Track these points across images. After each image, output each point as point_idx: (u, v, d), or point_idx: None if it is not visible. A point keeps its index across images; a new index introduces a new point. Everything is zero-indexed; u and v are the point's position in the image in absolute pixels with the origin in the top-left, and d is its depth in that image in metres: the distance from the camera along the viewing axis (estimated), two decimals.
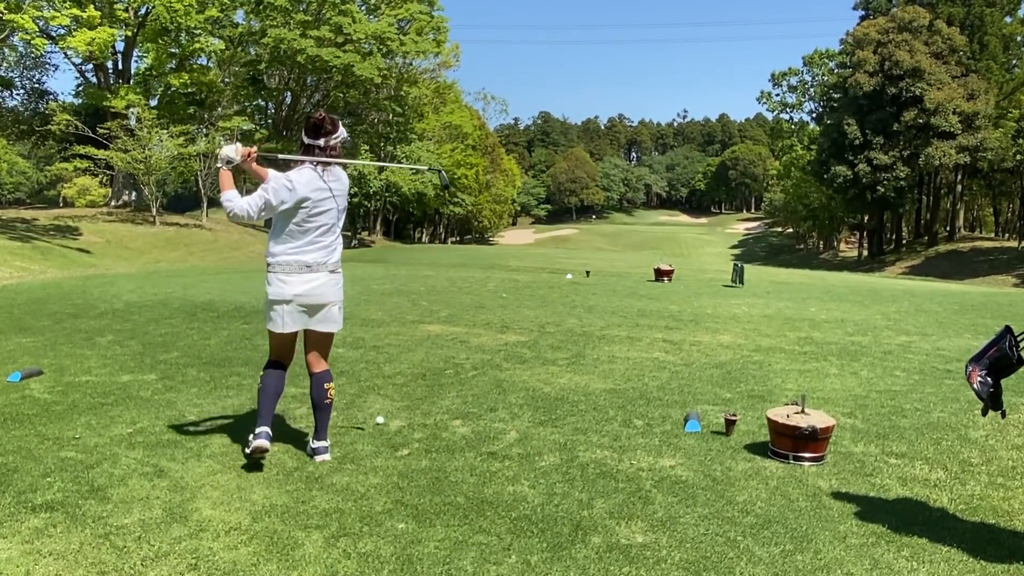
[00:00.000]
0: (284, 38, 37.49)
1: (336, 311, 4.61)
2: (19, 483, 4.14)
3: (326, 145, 4.49)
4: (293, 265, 4.44)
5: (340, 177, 4.59)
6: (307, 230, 4.44)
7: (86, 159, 33.72)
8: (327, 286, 4.51)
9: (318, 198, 4.42)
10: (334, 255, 4.56)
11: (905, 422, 5.64)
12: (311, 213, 4.42)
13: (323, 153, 4.50)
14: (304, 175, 4.43)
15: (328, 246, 4.53)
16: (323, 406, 4.60)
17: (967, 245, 54.59)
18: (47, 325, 8.97)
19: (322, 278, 4.48)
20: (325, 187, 4.45)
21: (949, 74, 51.80)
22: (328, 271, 4.51)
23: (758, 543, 3.61)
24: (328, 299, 4.52)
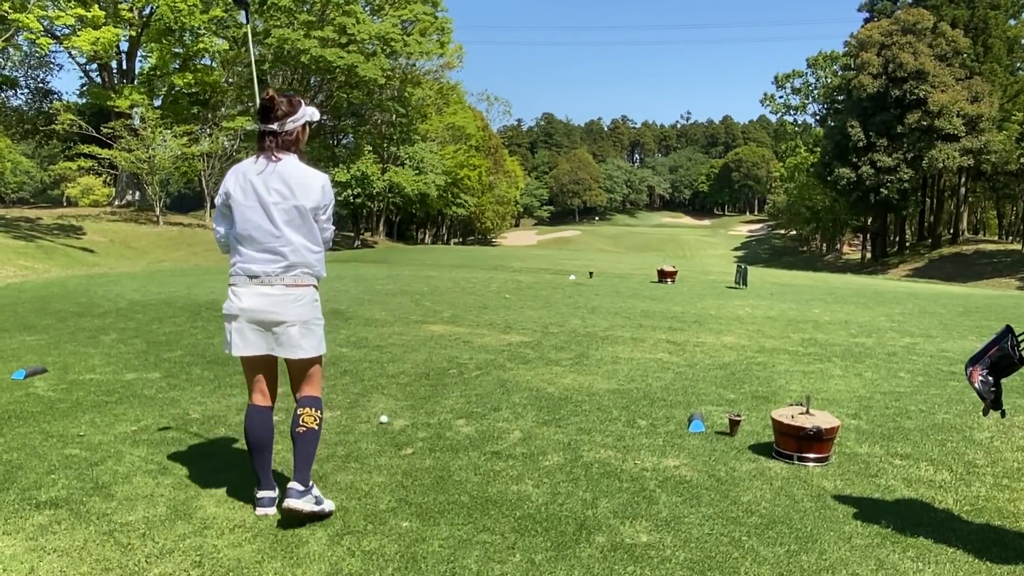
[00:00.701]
0: (288, 38, 37.57)
1: (295, 332, 3.72)
2: (23, 480, 4.14)
3: (281, 130, 3.72)
4: (241, 276, 3.75)
5: (293, 179, 3.70)
6: (244, 236, 3.72)
7: (90, 158, 33.79)
8: (282, 302, 3.70)
9: (239, 196, 3.71)
10: (289, 266, 3.72)
11: (910, 423, 5.62)
12: (239, 214, 3.71)
13: (275, 140, 3.72)
14: (240, 167, 3.80)
15: (276, 254, 3.70)
16: (296, 437, 3.76)
17: (971, 248, 54.52)
18: (51, 323, 8.99)
19: (275, 292, 3.70)
20: (249, 184, 3.70)
21: (953, 76, 51.75)
22: (284, 284, 3.71)
23: (763, 543, 3.60)
24: (283, 317, 3.70)
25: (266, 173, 3.69)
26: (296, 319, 3.72)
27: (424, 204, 57.28)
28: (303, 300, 3.75)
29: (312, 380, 3.87)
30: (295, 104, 3.75)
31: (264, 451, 3.84)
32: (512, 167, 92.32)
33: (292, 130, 3.74)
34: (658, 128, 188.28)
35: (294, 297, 3.72)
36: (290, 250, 3.70)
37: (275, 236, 3.68)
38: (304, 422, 3.73)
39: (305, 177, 3.73)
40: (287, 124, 3.73)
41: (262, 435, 3.82)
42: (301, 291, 3.74)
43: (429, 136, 53.49)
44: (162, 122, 33.53)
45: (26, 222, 29.34)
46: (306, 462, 3.72)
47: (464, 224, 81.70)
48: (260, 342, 3.74)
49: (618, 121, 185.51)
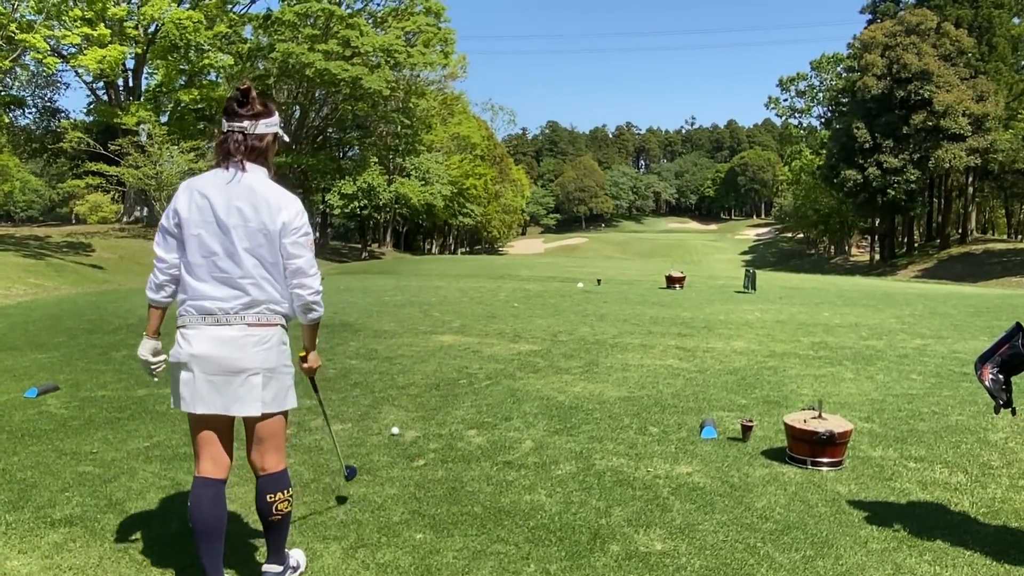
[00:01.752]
0: (292, 52, 37.77)
1: (257, 383, 3.03)
2: (38, 498, 4.16)
3: (252, 130, 3.08)
4: (193, 314, 3.05)
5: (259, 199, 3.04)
6: (195, 264, 3.05)
7: (98, 176, 34.01)
8: (242, 346, 3.02)
9: (193, 216, 3.04)
10: (252, 302, 3.04)
11: (923, 426, 5.59)
12: (191, 238, 3.03)
13: (244, 144, 3.07)
14: (194, 181, 3.13)
15: (236, 287, 3.03)
16: (270, 524, 3.20)
17: (979, 247, 54.26)
18: (62, 341, 9.02)
19: (234, 333, 3.01)
20: (206, 202, 3.03)
21: (958, 76, 51.60)
22: (245, 324, 3.03)
23: (778, 549, 3.59)
24: (243, 364, 3.01)
25: (231, 187, 3.03)
26: (259, 366, 3.04)
27: (431, 214, 57.44)
28: (268, 343, 3.07)
29: (275, 445, 3.19)
30: (270, 107, 3.15)
31: (214, 538, 3.07)
32: (518, 176, 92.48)
33: (264, 134, 3.10)
34: (663, 134, 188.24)
35: (257, 339, 3.04)
36: (251, 283, 3.03)
37: (235, 264, 3.02)
38: (279, 509, 3.16)
39: (275, 196, 3.06)
40: (259, 125, 3.08)
41: (213, 517, 3.07)
42: (266, 332, 3.07)
43: (434, 146, 53.64)
44: (169, 138, 33.68)
45: (35, 240, 29.50)
46: (282, 542, 3.25)
47: (471, 233, 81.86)
48: (214, 397, 3.02)
49: (623, 127, 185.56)
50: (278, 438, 3.20)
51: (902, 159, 51.98)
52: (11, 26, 25.78)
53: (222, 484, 3.15)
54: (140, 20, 34.35)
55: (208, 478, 3.12)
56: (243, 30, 41.03)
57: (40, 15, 27.55)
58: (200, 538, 3.07)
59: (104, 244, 30.77)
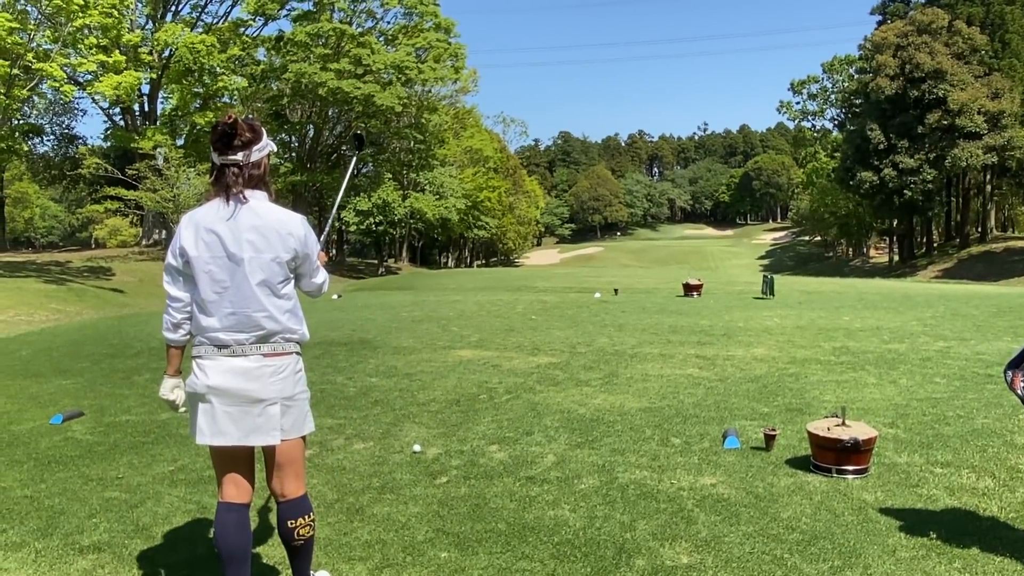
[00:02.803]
0: (305, 72, 38.10)
1: (276, 412, 3.05)
2: (66, 525, 4.19)
3: (246, 161, 3.03)
4: (208, 345, 3.06)
5: (268, 228, 3.03)
6: (208, 300, 3.04)
7: (116, 200, 34.39)
8: (259, 376, 3.03)
9: (201, 253, 3.03)
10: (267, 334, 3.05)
11: (948, 430, 5.54)
12: (202, 275, 3.03)
13: (241, 175, 3.03)
14: (195, 215, 3.10)
15: (250, 319, 3.03)
16: (293, 550, 3.21)
17: (1000, 246, 53.72)
18: (86, 366, 9.11)
19: (251, 365, 3.03)
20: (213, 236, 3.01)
21: (972, 74, 51.28)
22: (261, 355, 3.04)
23: (805, 560, 3.56)
24: (261, 395, 3.02)
25: (237, 219, 3.00)
26: (276, 396, 3.05)
27: (446, 228, 57.61)
28: (284, 372, 3.09)
29: (294, 471, 3.18)
30: (258, 130, 3.07)
31: (240, 562, 3.09)
32: (531, 187, 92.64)
33: (259, 161, 3.06)
34: (676, 140, 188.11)
35: (273, 370, 3.05)
36: (266, 316, 3.04)
37: (248, 297, 3.01)
38: (300, 535, 3.15)
39: (281, 222, 3.07)
40: (252, 154, 3.03)
41: (238, 541, 3.09)
42: (282, 361, 3.08)
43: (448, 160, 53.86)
44: (185, 161, 34.07)
45: (56, 266, 29.84)
46: (307, 566, 3.28)
47: (486, 246, 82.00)
48: (232, 429, 3.03)
49: (635, 136, 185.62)
50: (297, 464, 3.19)
51: (918, 159, 51.63)
52: (28, 56, 26.17)
53: (246, 508, 3.17)
54: (154, 46, 34.81)
55: (232, 503, 3.14)
56: (256, 52, 41.47)
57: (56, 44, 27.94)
58: (227, 563, 3.08)
59: (124, 268, 31.07)
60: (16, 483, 4.92)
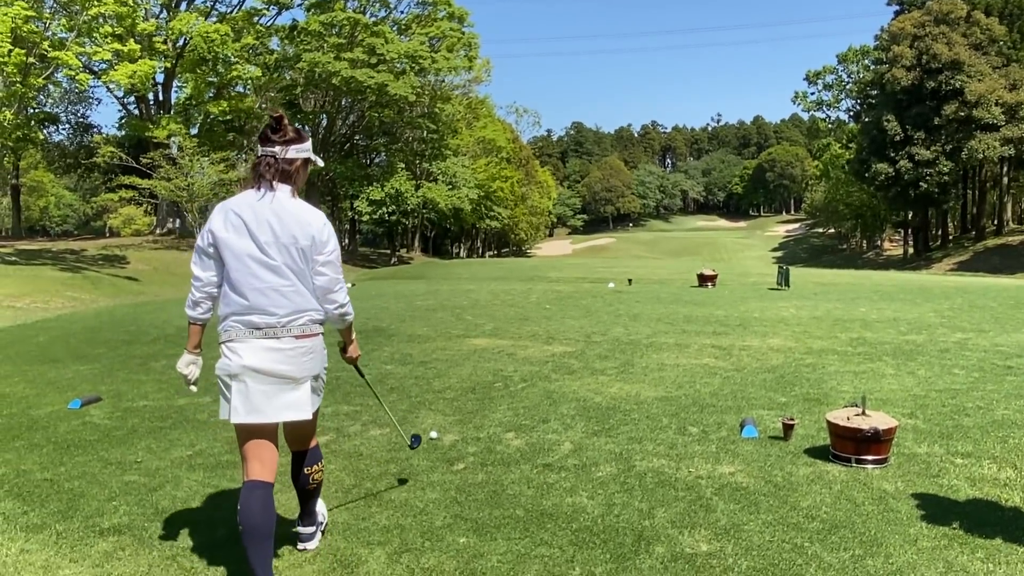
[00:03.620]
0: (319, 61, 38.09)
1: (307, 390, 3.28)
2: (86, 508, 4.22)
3: (282, 155, 3.27)
4: (240, 328, 3.20)
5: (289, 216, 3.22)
6: (239, 282, 3.19)
7: (131, 189, 34.52)
8: (292, 357, 3.23)
9: (231, 237, 3.20)
10: (296, 314, 3.23)
11: (968, 421, 5.50)
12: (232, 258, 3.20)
13: (275, 167, 3.25)
14: (228, 203, 3.31)
15: (280, 301, 3.20)
16: (307, 493, 3.61)
17: (1016, 239, 53.28)
18: (103, 352, 9.17)
19: (284, 346, 3.21)
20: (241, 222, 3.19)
21: (990, 65, 50.76)
22: (293, 336, 3.22)
23: (826, 549, 3.54)
24: (295, 374, 3.23)
25: (262, 205, 3.21)
26: (308, 375, 3.28)
27: (458, 218, 57.62)
28: (314, 352, 3.30)
29: (312, 430, 3.57)
30: (302, 135, 3.35)
31: (264, 540, 3.17)
32: (544, 177, 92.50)
33: (293, 159, 3.29)
34: (689, 131, 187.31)
35: (305, 350, 3.25)
36: (292, 290, 3.21)
37: (273, 277, 3.19)
38: (315, 479, 3.58)
39: (300, 211, 3.26)
40: (290, 151, 3.28)
41: (262, 519, 3.17)
42: (311, 342, 3.29)
43: (460, 151, 53.80)
44: (199, 150, 34.15)
45: (72, 254, 30.02)
46: (313, 506, 3.64)
47: (498, 236, 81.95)
48: (267, 407, 3.19)
49: (648, 126, 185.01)
50: (314, 425, 3.58)
51: (934, 151, 51.20)
52: (43, 44, 26.27)
53: (270, 487, 3.27)
54: (169, 35, 34.86)
55: (257, 480, 3.25)
56: (269, 41, 41.47)
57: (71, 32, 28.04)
58: (249, 540, 3.16)
59: (138, 256, 31.23)
60: (36, 466, 4.95)
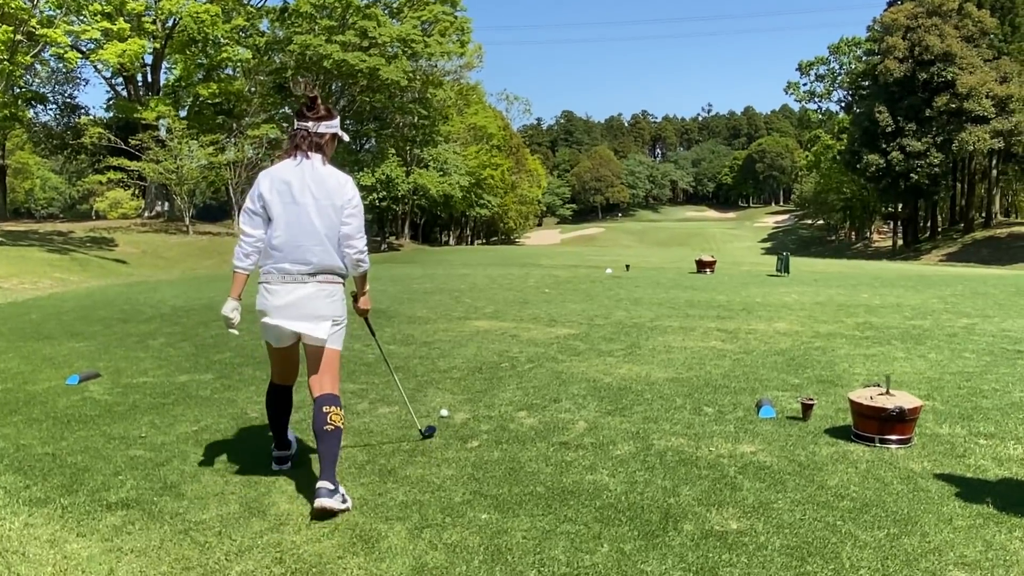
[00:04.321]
0: (310, 44, 37.68)
1: (327, 325, 3.85)
2: (91, 482, 4.08)
3: (315, 129, 3.87)
4: (275, 274, 3.82)
5: (324, 180, 3.81)
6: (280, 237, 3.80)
7: (119, 171, 34.08)
8: (313, 296, 3.82)
9: (275, 198, 3.81)
10: (320, 268, 3.82)
11: (986, 403, 5.43)
12: (276, 216, 3.81)
13: (308, 139, 3.85)
14: (271, 170, 3.90)
15: (310, 254, 3.80)
16: (323, 434, 3.75)
17: (1004, 231, 53.54)
18: (98, 330, 8.98)
19: (308, 289, 3.81)
20: (285, 186, 3.80)
21: (981, 58, 50.88)
22: (316, 282, 3.81)
23: (860, 527, 3.45)
24: (317, 312, 3.82)
25: (300, 171, 3.81)
26: (328, 314, 3.87)
27: (448, 206, 57.33)
28: (335, 296, 3.90)
29: (331, 374, 3.95)
30: (332, 113, 3.96)
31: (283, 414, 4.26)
32: (534, 166, 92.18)
33: (324, 133, 3.89)
34: (679, 121, 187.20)
35: (327, 293, 3.87)
36: (322, 249, 3.81)
37: (310, 236, 3.80)
38: (331, 420, 3.78)
39: (335, 176, 3.88)
40: (321, 126, 3.88)
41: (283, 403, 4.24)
42: (332, 288, 3.89)
43: (451, 137, 53.49)
44: (188, 132, 33.74)
45: (59, 236, 29.65)
46: (333, 461, 3.76)
47: (487, 225, 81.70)
48: (292, 333, 3.90)
49: (638, 116, 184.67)
50: (334, 369, 3.97)
51: (925, 142, 51.34)
52: (32, 21, 25.84)
53: (289, 388, 4.23)
54: (158, 14, 34.37)
55: (280, 385, 4.20)
56: (260, 23, 40.97)
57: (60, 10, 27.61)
58: (273, 415, 4.23)
59: (126, 239, 30.87)
60: (36, 440, 4.81)
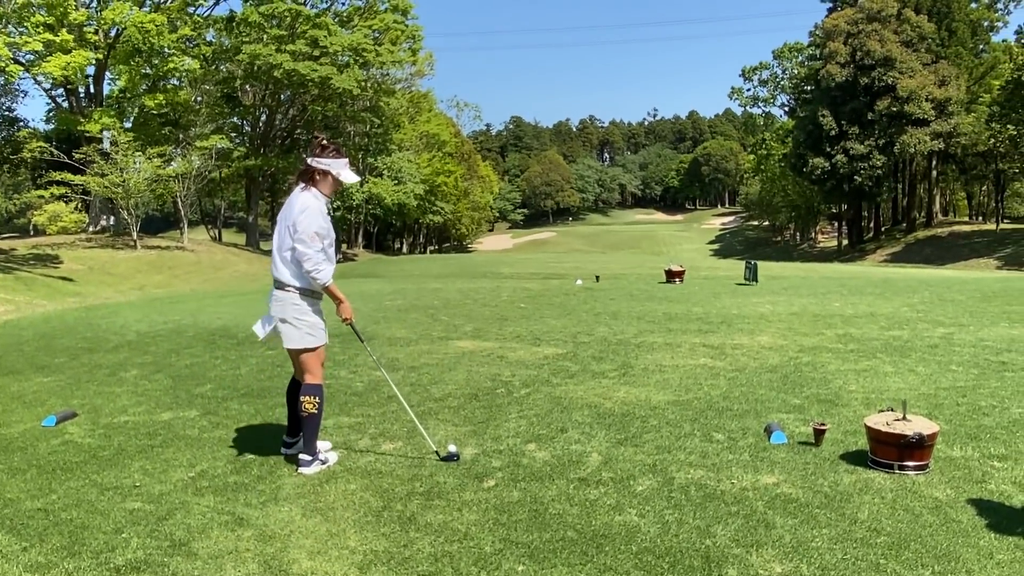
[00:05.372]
0: (259, 54, 37.00)
1: (283, 328, 4.75)
2: (93, 542, 3.84)
3: (306, 164, 4.79)
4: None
5: (291, 204, 4.71)
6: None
7: (63, 185, 33.00)
8: (275, 300, 4.78)
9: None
10: (277, 273, 4.75)
11: (988, 421, 5.47)
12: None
13: (300, 172, 4.87)
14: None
15: (276, 264, 4.76)
16: (301, 418, 4.77)
17: (945, 230, 55.09)
18: (64, 362, 8.59)
19: (276, 295, 4.78)
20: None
21: (920, 62, 52.28)
22: (277, 288, 4.77)
23: (904, 566, 3.40)
24: (276, 314, 4.77)
25: (289, 197, 4.80)
26: (280, 315, 4.75)
27: (402, 214, 56.87)
28: (284, 301, 4.74)
29: (304, 369, 4.82)
30: (328, 151, 4.72)
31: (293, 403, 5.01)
32: (485, 172, 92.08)
33: (312, 167, 4.72)
34: (626, 126, 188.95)
35: (276, 299, 4.78)
36: (280, 260, 4.72)
37: (278, 250, 4.75)
38: (304, 408, 4.73)
39: (297, 201, 4.69)
40: (311, 160, 4.73)
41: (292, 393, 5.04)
42: (284, 294, 4.74)
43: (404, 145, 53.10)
44: (134, 144, 32.82)
45: (0, 253, 28.58)
46: (308, 437, 4.75)
47: (439, 231, 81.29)
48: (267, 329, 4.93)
49: (586, 121, 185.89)
50: (302, 365, 4.85)
51: (868, 145, 52.56)
52: None
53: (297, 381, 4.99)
54: (100, 24, 33.41)
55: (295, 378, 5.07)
56: (207, 33, 40.12)
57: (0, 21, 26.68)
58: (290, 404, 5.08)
59: (72, 255, 29.86)
60: (23, 494, 4.53)
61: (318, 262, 4.61)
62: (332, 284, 4.75)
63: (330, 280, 4.72)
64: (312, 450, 4.74)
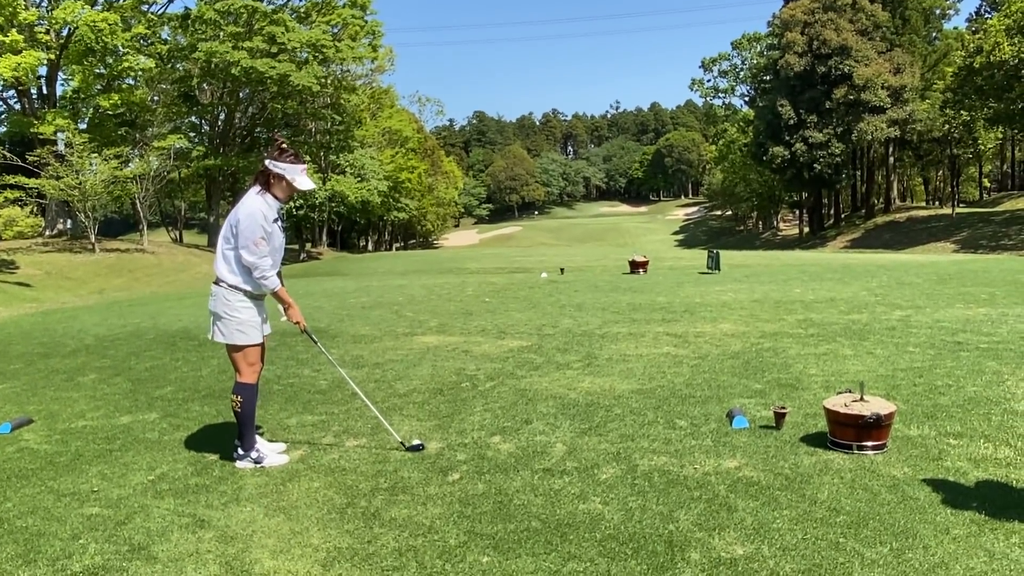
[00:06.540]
0: (216, 51, 36.48)
1: (215, 323, 4.81)
2: (49, 549, 3.77)
3: (262, 168, 4.79)
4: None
5: (242, 202, 4.75)
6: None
7: (16, 189, 32.30)
8: (210, 296, 4.83)
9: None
10: (216, 268, 4.79)
11: (944, 400, 5.57)
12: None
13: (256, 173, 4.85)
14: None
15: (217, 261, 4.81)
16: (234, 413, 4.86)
17: (903, 215, 56.05)
18: (20, 368, 8.41)
19: (212, 290, 4.82)
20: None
21: (875, 50, 53.08)
22: (213, 283, 4.80)
23: (862, 544, 3.45)
24: (211, 308, 4.84)
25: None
26: (212, 309, 4.81)
27: (366, 211, 56.52)
28: (216, 296, 4.76)
29: (235, 365, 4.89)
30: (286, 155, 4.71)
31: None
32: (449, 167, 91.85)
33: (266, 169, 4.72)
34: (589, 119, 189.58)
35: (213, 293, 4.79)
36: (221, 255, 4.75)
37: (219, 246, 4.79)
38: (232, 405, 4.89)
39: (243, 204, 4.70)
40: (268, 162, 4.73)
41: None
42: (218, 289, 4.75)
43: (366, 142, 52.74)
44: (90, 146, 32.21)
45: None
46: (242, 431, 4.85)
47: (404, 228, 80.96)
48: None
49: (549, 115, 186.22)
50: (234, 363, 4.90)
51: (826, 133, 53.28)
52: None
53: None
54: (52, 24, 32.72)
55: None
56: (161, 31, 39.49)
57: None
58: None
59: (28, 260, 29.28)
60: None
61: (266, 268, 4.66)
62: (281, 288, 4.79)
63: (278, 285, 4.76)
64: (246, 445, 4.84)
